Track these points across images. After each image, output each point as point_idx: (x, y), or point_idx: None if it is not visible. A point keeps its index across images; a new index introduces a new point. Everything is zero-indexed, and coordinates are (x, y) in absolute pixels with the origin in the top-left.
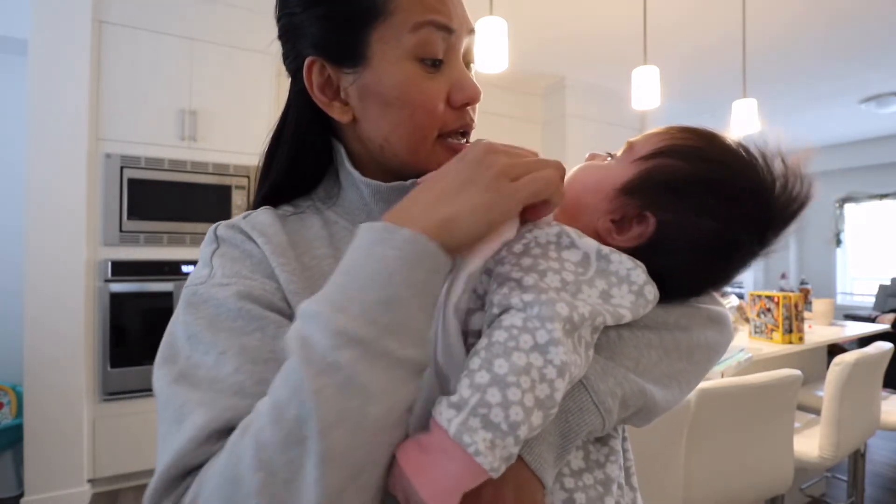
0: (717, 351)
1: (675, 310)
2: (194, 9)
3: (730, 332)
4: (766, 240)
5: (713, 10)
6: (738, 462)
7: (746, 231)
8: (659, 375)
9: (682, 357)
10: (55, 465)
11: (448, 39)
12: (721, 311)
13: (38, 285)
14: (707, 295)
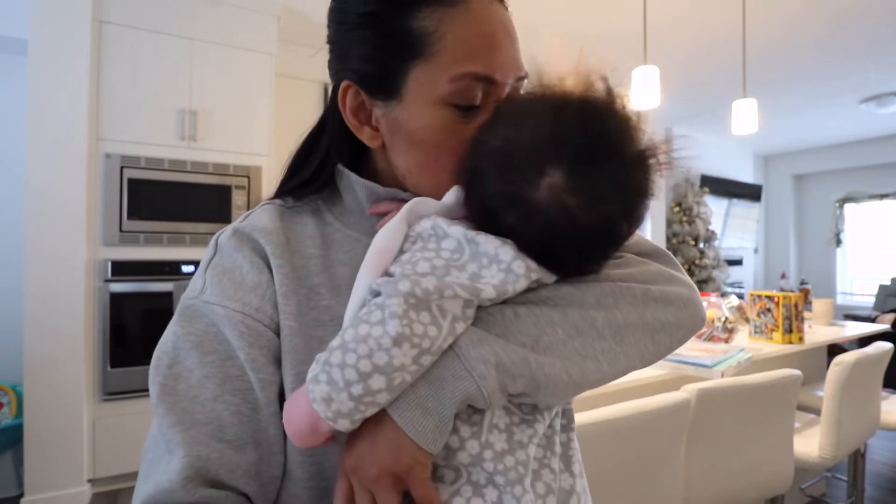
0: (668, 331)
1: (593, 288)
2: (194, 9)
3: (687, 311)
4: (586, 180)
5: (713, 10)
6: (738, 462)
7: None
8: (569, 353)
9: (602, 336)
10: (55, 465)
11: (489, 88)
12: (669, 291)
13: (38, 285)
14: (661, 274)
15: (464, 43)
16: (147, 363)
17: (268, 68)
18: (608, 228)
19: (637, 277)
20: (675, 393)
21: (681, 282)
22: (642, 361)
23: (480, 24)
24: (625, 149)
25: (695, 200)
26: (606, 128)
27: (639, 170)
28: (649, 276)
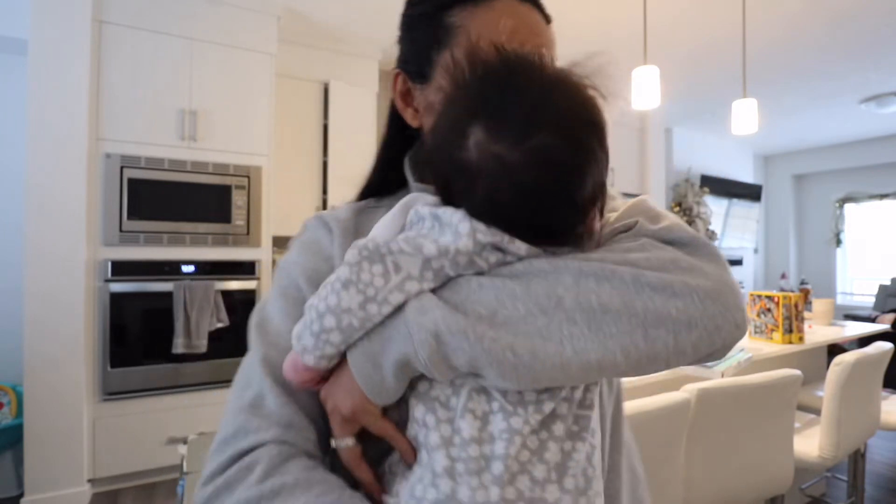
0: (671, 328)
1: (571, 265)
2: (194, 9)
3: (705, 308)
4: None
5: (713, 10)
6: (738, 462)
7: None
8: (528, 331)
9: (571, 319)
10: (55, 465)
11: None
12: (676, 281)
13: (38, 285)
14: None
15: (479, 34)
16: (147, 363)
17: (268, 68)
18: (547, 166)
19: (637, 262)
20: (675, 393)
21: (706, 274)
22: (627, 358)
23: (499, 19)
24: (534, 78)
25: (695, 200)
26: (514, 70)
27: (559, 93)
28: (656, 262)
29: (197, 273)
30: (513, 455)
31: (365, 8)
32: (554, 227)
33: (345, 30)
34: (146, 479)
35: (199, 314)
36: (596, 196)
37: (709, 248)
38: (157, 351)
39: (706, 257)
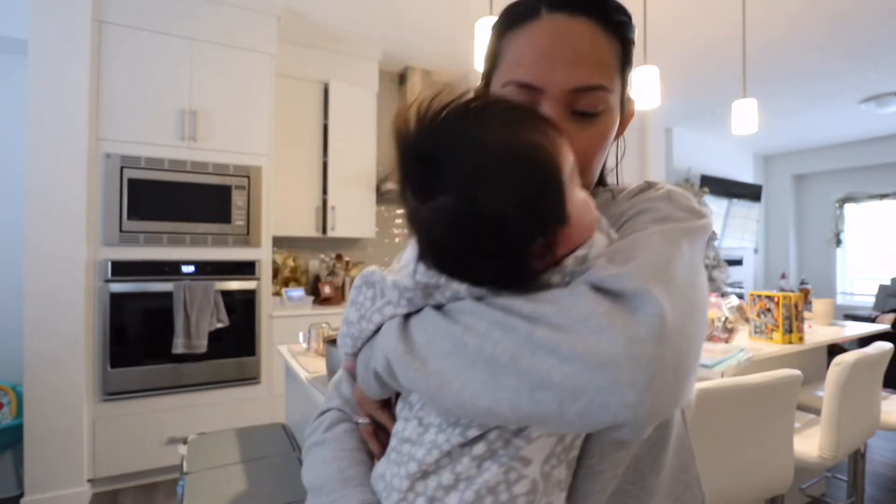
0: (555, 394)
1: (486, 312)
2: (194, 9)
3: (593, 378)
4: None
5: (713, 10)
6: (738, 462)
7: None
8: (443, 369)
9: (474, 364)
10: (55, 465)
11: (533, 95)
12: (571, 343)
13: (38, 285)
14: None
15: (516, 56)
16: (147, 363)
17: (268, 68)
18: (449, 226)
19: (542, 316)
20: None
21: (614, 341)
22: (515, 413)
23: (534, 41)
24: (445, 139)
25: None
26: (429, 132)
27: (468, 151)
28: (563, 317)
29: (197, 273)
30: (428, 462)
31: (365, 8)
32: (475, 276)
33: (345, 30)
34: (146, 479)
35: (199, 314)
36: (515, 245)
37: (651, 308)
38: (157, 351)
39: (635, 320)
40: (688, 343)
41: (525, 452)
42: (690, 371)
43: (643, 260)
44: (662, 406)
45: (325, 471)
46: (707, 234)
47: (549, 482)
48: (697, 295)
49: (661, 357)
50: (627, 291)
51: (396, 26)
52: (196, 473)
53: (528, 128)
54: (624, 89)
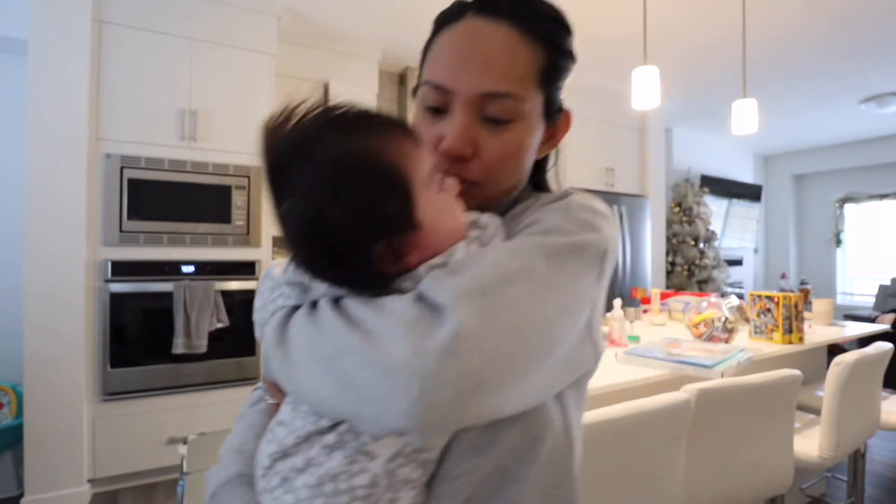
0: (353, 391)
1: (317, 314)
2: (194, 9)
3: (375, 378)
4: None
5: (713, 10)
6: (738, 462)
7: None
8: (291, 361)
9: (308, 361)
10: (55, 465)
11: (445, 97)
12: (363, 348)
13: (38, 285)
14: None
15: (435, 57)
16: (147, 363)
17: (268, 68)
18: (293, 229)
19: (363, 320)
20: (675, 393)
21: (403, 347)
22: (334, 410)
23: (452, 43)
24: (292, 147)
25: (695, 200)
26: (273, 144)
27: (306, 157)
28: (379, 323)
29: (197, 273)
30: (287, 444)
31: (365, 8)
32: (327, 277)
33: (345, 30)
34: (146, 479)
35: (199, 314)
36: (354, 249)
37: (449, 323)
38: (157, 351)
39: (431, 332)
40: (485, 361)
41: (371, 447)
42: (480, 387)
43: (472, 273)
44: (439, 419)
45: (230, 443)
46: (597, 251)
47: (393, 479)
48: (529, 311)
49: (441, 372)
50: (438, 303)
51: (396, 26)
52: (196, 473)
53: (374, 136)
54: (550, 99)
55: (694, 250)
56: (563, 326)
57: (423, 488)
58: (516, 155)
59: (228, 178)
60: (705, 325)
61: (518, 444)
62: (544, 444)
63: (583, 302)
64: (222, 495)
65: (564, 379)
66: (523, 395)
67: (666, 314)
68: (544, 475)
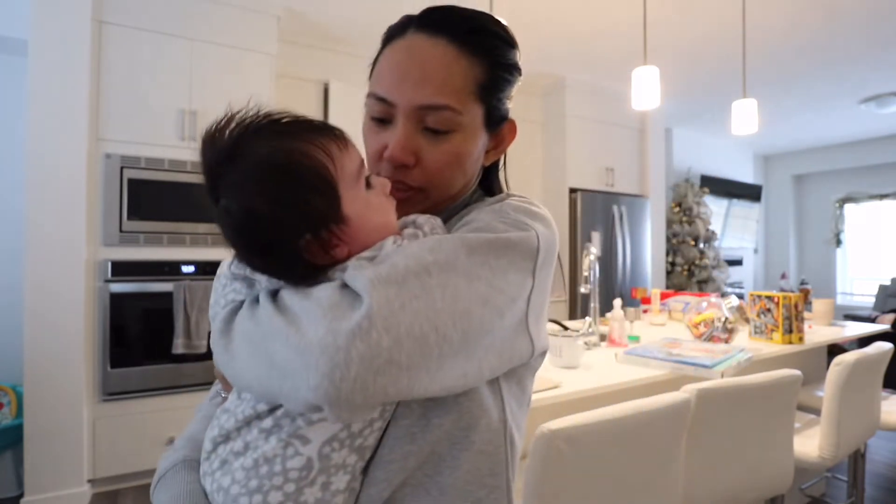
0: (277, 371)
1: (261, 303)
2: (194, 9)
3: (291, 356)
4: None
5: (713, 10)
6: (738, 462)
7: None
8: (231, 348)
9: (241, 346)
10: (55, 465)
11: (388, 108)
12: (284, 331)
13: (39, 285)
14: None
15: (379, 71)
16: (147, 363)
17: (268, 68)
18: (228, 226)
19: (289, 306)
20: (675, 393)
21: (317, 327)
22: (262, 389)
23: (393, 57)
24: (226, 148)
25: (695, 200)
26: (208, 150)
27: (241, 159)
28: (301, 307)
29: (197, 273)
30: (227, 428)
31: (365, 8)
32: (262, 269)
33: (345, 30)
34: (146, 479)
35: (199, 314)
36: (283, 242)
37: (362, 307)
38: (157, 351)
39: (345, 315)
40: (395, 342)
41: (305, 432)
42: (390, 365)
43: (391, 262)
44: (347, 392)
45: (184, 433)
46: (525, 249)
47: (327, 462)
48: (445, 299)
49: (349, 349)
50: (357, 290)
51: None
52: None
53: (299, 139)
54: (492, 110)
55: (694, 250)
56: (484, 315)
57: (359, 473)
58: (456, 163)
59: None
60: (705, 325)
61: (452, 430)
62: (478, 432)
63: (512, 296)
64: (169, 478)
65: (494, 368)
66: (441, 378)
67: (666, 314)
68: (478, 463)
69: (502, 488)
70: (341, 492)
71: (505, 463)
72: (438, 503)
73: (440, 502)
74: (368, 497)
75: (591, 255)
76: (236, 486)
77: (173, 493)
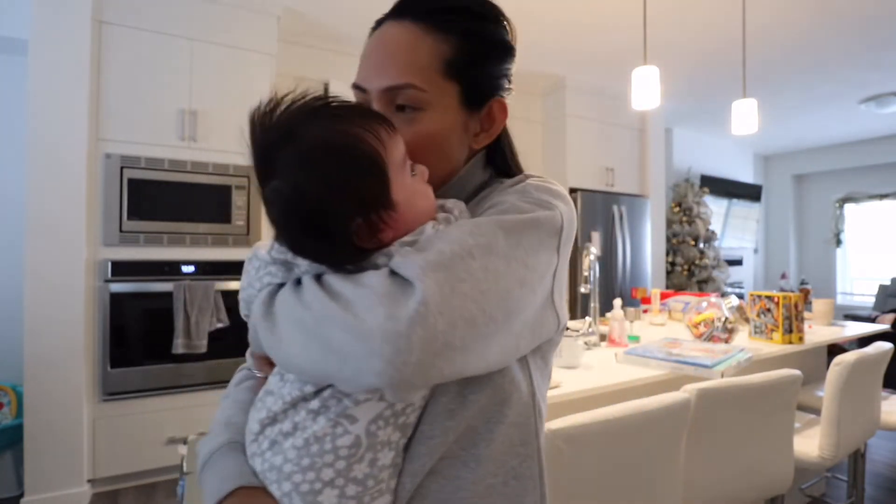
0: (336, 355)
1: (300, 291)
2: (194, 9)
3: (352, 342)
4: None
5: (713, 10)
6: (738, 462)
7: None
8: (279, 333)
9: (294, 331)
10: (55, 465)
11: (364, 96)
12: (343, 317)
13: (39, 285)
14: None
15: (359, 62)
16: (147, 363)
17: (268, 68)
18: (280, 208)
19: (341, 292)
20: (675, 393)
21: (376, 314)
22: (317, 373)
23: (367, 47)
24: (279, 130)
25: (695, 200)
26: (260, 130)
27: (292, 139)
28: (355, 294)
29: (197, 273)
30: (275, 410)
31: (365, 8)
32: (310, 254)
33: (345, 30)
34: (146, 479)
35: (199, 314)
36: (337, 227)
37: (417, 293)
38: (157, 351)
39: (402, 302)
40: (450, 324)
41: (352, 412)
42: (447, 348)
43: (436, 249)
44: (410, 375)
45: (218, 418)
46: (551, 227)
47: (374, 440)
48: (488, 281)
49: (410, 335)
50: (408, 277)
51: None
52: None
53: (352, 123)
54: (470, 87)
55: (694, 250)
56: (522, 295)
57: (402, 450)
58: (432, 143)
59: (228, 178)
60: (705, 325)
61: (487, 405)
62: (511, 406)
63: (541, 273)
64: (216, 460)
65: (528, 343)
66: (487, 357)
67: (666, 314)
68: (511, 434)
69: (533, 457)
70: (387, 467)
71: (535, 433)
72: (476, 473)
73: (477, 472)
74: (412, 471)
75: (591, 255)
76: (289, 464)
77: (224, 475)
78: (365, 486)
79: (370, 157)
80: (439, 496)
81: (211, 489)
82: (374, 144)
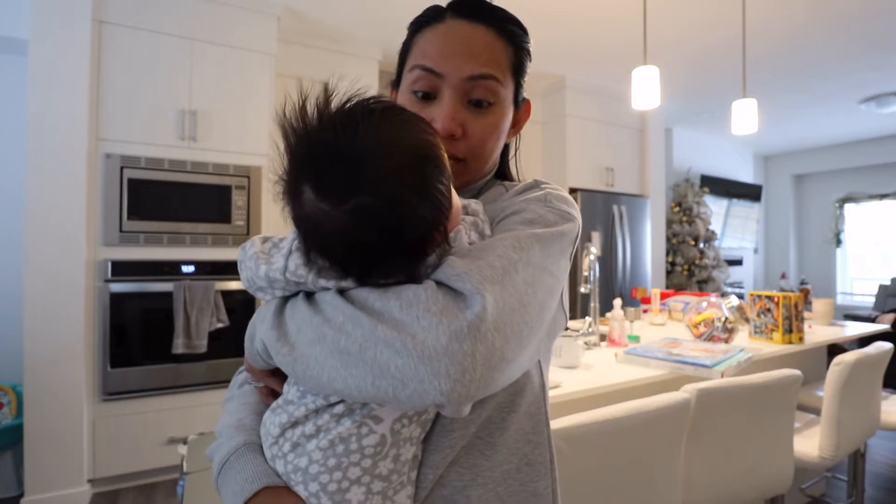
0: (388, 379)
1: (341, 306)
2: (194, 9)
3: (411, 365)
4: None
5: (714, 10)
6: (738, 462)
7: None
8: (307, 355)
9: (331, 353)
10: (55, 465)
11: (435, 80)
12: (398, 337)
13: (39, 285)
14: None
15: (423, 48)
16: (147, 363)
17: (268, 68)
18: (365, 225)
19: (386, 311)
20: (675, 393)
21: (438, 335)
22: (362, 394)
23: (438, 36)
24: (355, 136)
25: (695, 200)
26: (336, 129)
27: (378, 150)
28: (405, 312)
29: (197, 273)
30: (297, 415)
31: (365, 8)
32: (377, 269)
33: (345, 30)
34: (146, 479)
35: (199, 314)
36: (422, 238)
37: (476, 308)
38: (156, 351)
39: (461, 318)
40: (504, 339)
41: (378, 412)
42: (502, 362)
43: (488, 262)
44: (474, 391)
45: (227, 420)
46: (572, 237)
47: (398, 437)
48: (529, 294)
49: (474, 353)
50: (465, 291)
51: (396, 26)
52: (196, 473)
53: (423, 129)
54: (518, 90)
55: (694, 250)
56: (551, 303)
57: (420, 443)
58: (495, 135)
59: (228, 178)
60: (705, 325)
61: (504, 398)
62: (524, 397)
63: (561, 279)
64: (235, 461)
65: (546, 344)
66: (523, 363)
67: (666, 314)
68: (523, 423)
69: (544, 444)
70: (409, 461)
71: (545, 420)
72: (491, 461)
73: (492, 459)
74: (434, 462)
75: (591, 255)
76: (315, 465)
77: (245, 476)
78: (389, 480)
79: (444, 163)
80: (458, 484)
81: (235, 490)
82: (442, 151)
